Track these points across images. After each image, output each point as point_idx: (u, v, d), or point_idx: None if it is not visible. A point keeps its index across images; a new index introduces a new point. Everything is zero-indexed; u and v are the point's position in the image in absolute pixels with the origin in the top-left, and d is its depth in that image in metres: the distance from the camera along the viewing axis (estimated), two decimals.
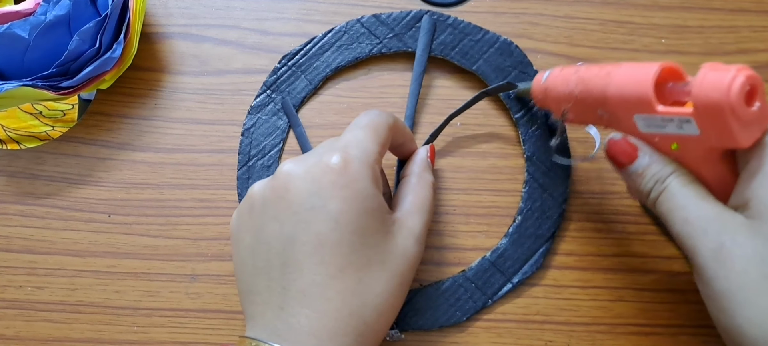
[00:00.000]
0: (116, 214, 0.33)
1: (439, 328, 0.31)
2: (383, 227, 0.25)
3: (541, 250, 0.32)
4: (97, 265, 0.33)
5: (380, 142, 0.26)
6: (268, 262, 0.25)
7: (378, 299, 0.25)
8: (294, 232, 0.24)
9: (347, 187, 0.24)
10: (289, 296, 0.24)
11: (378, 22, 0.35)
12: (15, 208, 0.34)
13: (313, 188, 0.24)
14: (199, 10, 0.37)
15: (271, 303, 0.24)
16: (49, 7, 0.31)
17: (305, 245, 0.24)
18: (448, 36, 0.35)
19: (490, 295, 0.31)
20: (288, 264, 0.24)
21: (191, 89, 0.35)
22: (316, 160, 0.25)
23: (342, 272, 0.24)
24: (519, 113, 0.34)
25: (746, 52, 0.36)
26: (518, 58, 0.34)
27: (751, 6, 0.36)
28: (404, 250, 0.26)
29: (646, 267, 0.32)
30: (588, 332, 0.31)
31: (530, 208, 0.32)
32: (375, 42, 0.35)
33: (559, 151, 0.30)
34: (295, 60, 0.35)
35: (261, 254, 0.25)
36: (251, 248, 0.26)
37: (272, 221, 0.25)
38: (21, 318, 0.32)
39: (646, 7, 0.36)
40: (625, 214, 0.33)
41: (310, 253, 0.24)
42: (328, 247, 0.24)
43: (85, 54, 0.31)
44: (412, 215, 0.27)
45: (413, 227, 0.27)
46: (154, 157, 0.34)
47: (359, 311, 0.24)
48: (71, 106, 0.35)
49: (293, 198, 0.25)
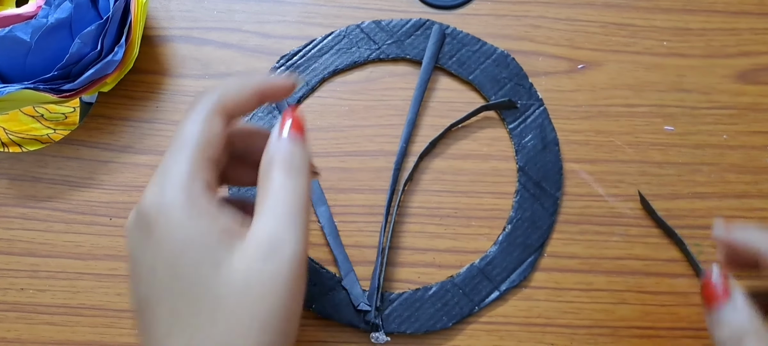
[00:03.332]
0: (118, 217, 0.33)
1: (425, 332, 0.31)
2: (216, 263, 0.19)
3: (530, 259, 0.32)
4: (99, 268, 0.33)
5: (191, 158, 0.20)
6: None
7: None
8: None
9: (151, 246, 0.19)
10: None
11: (378, 28, 0.35)
12: (17, 211, 0.34)
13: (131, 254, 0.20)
14: (200, 13, 0.37)
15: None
16: (50, 10, 0.31)
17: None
18: (446, 45, 0.35)
19: (477, 302, 0.31)
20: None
21: (193, 92, 0.35)
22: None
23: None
24: (513, 124, 0.34)
25: (748, 54, 0.36)
26: (514, 70, 0.35)
27: (753, 8, 0.36)
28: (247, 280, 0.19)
29: (648, 270, 0.32)
30: (590, 335, 0.31)
31: (521, 217, 0.33)
32: (374, 47, 0.35)
33: None
34: (293, 61, 0.35)
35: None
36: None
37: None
38: (23, 321, 0.32)
39: (648, 9, 0.36)
40: (627, 216, 0.33)
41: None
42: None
43: (87, 57, 0.31)
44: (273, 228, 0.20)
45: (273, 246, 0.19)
46: (155, 160, 0.34)
47: None
48: (73, 109, 0.35)
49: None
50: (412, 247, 0.33)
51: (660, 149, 0.34)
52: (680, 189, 0.33)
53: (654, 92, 0.35)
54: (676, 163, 0.34)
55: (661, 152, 0.34)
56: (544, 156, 0.33)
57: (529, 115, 0.34)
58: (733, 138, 0.34)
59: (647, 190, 0.33)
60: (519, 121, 0.34)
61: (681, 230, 0.32)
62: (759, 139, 0.34)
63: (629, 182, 0.33)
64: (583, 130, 0.34)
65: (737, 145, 0.34)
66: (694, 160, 0.34)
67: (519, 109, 0.34)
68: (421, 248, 0.33)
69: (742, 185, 0.33)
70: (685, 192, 0.33)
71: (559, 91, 0.35)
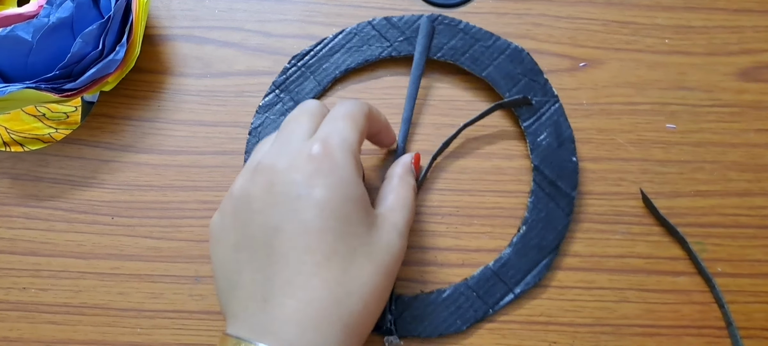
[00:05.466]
0: (120, 216, 0.33)
1: (439, 336, 0.31)
2: (367, 218, 0.25)
3: (545, 261, 0.32)
4: (101, 267, 0.33)
5: (359, 131, 0.27)
6: (252, 255, 0.25)
7: (363, 288, 0.24)
8: (280, 222, 0.24)
9: (331, 175, 0.24)
10: (274, 287, 0.24)
11: (389, 25, 0.35)
12: (19, 210, 0.34)
13: (298, 178, 0.24)
14: (202, 12, 0.37)
15: (255, 296, 0.24)
16: (52, 9, 0.31)
17: (291, 233, 0.24)
18: (458, 41, 0.35)
19: (491, 304, 0.31)
20: (273, 255, 0.24)
21: (194, 91, 0.35)
22: (298, 150, 0.25)
23: (328, 261, 0.24)
24: (527, 122, 0.33)
25: (750, 52, 0.36)
26: (529, 65, 0.34)
27: (755, 6, 0.36)
28: (388, 243, 0.26)
29: (650, 268, 0.32)
30: (592, 333, 0.31)
31: (535, 218, 0.32)
32: (385, 45, 0.35)
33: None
34: (304, 61, 0.35)
35: (245, 249, 0.25)
36: (235, 245, 0.25)
37: (257, 214, 0.25)
38: (25, 320, 0.32)
39: (650, 7, 0.36)
40: (629, 215, 0.33)
41: (295, 242, 0.24)
42: (313, 234, 0.24)
43: (89, 56, 0.31)
44: (395, 211, 0.28)
45: (397, 222, 0.27)
46: (157, 160, 0.34)
47: (345, 300, 0.24)
48: (74, 109, 0.35)
49: (279, 190, 0.24)
50: (420, 246, 0.33)
51: (662, 147, 0.34)
52: (682, 187, 0.33)
53: (656, 90, 0.35)
54: (678, 162, 0.34)
55: (663, 150, 0.34)
56: (559, 154, 0.33)
57: (544, 112, 0.33)
58: (735, 136, 0.34)
59: (649, 188, 0.33)
60: (533, 119, 0.33)
61: (683, 228, 0.32)
62: (761, 137, 0.34)
63: (631, 180, 0.33)
64: (585, 129, 0.34)
65: (739, 143, 0.34)
66: (696, 159, 0.34)
67: (534, 106, 0.34)
68: (431, 246, 0.33)
69: (745, 183, 0.33)
70: (687, 190, 0.33)
71: (561, 89, 0.35)
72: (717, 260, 0.32)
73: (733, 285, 0.32)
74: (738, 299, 0.32)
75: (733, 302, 0.31)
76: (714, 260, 0.32)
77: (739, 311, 0.31)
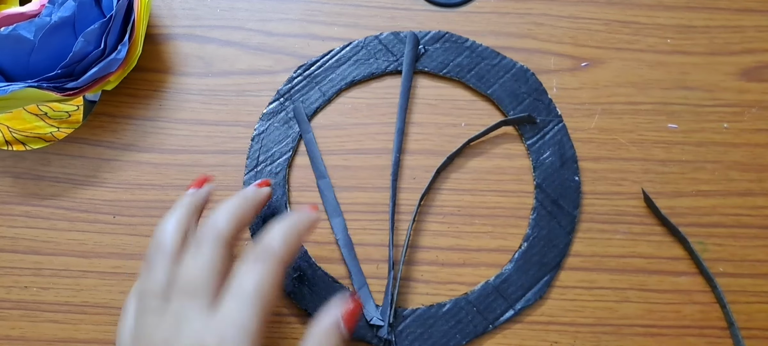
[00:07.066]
0: (121, 215, 0.33)
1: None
2: None
3: (546, 278, 0.32)
4: (102, 266, 0.33)
5: (266, 309, 0.23)
6: None
7: None
8: None
9: None
10: None
11: (396, 39, 0.35)
12: (20, 209, 0.34)
13: None
14: (203, 12, 0.37)
15: None
16: (54, 8, 0.31)
17: None
18: (464, 58, 0.35)
19: (491, 320, 0.31)
20: None
21: (196, 90, 0.35)
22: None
23: None
24: (531, 140, 0.34)
25: (752, 52, 0.36)
26: (533, 85, 0.34)
27: (757, 6, 0.36)
28: None
29: (651, 268, 0.32)
30: (593, 333, 0.31)
31: (537, 235, 0.32)
32: (391, 59, 0.35)
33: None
34: (310, 71, 0.35)
35: None
36: None
37: None
38: (26, 319, 0.32)
39: (651, 6, 0.36)
40: (631, 214, 0.33)
41: None
42: None
43: (90, 55, 0.31)
44: None
45: None
46: (158, 159, 0.34)
47: None
48: (76, 108, 0.35)
49: None
50: (421, 246, 0.33)
51: (663, 147, 0.34)
52: (684, 187, 0.33)
53: (657, 90, 0.35)
54: (679, 161, 0.34)
55: (664, 150, 0.34)
56: (562, 173, 0.33)
57: (548, 131, 0.34)
58: (736, 136, 0.34)
59: (650, 188, 0.33)
60: (537, 137, 0.34)
61: (684, 227, 0.32)
62: (763, 137, 0.34)
63: (632, 180, 0.33)
64: (586, 128, 0.34)
65: (741, 143, 0.34)
66: (697, 158, 0.34)
67: (538, 124, 0.34)
68: (433, 246, 0.33)
69: (746, 183, 0.33)
70: (689, 190, 0.33)
71: (562, 89, 0.35)
72: (718, 260, 0.32)
73: (735, 285, 0.32)
74: (740, 300, 0.31)
75: (735, 303, 0.31)
76: (715, 260, 0.32)
77: (741, 311, 0.31)
